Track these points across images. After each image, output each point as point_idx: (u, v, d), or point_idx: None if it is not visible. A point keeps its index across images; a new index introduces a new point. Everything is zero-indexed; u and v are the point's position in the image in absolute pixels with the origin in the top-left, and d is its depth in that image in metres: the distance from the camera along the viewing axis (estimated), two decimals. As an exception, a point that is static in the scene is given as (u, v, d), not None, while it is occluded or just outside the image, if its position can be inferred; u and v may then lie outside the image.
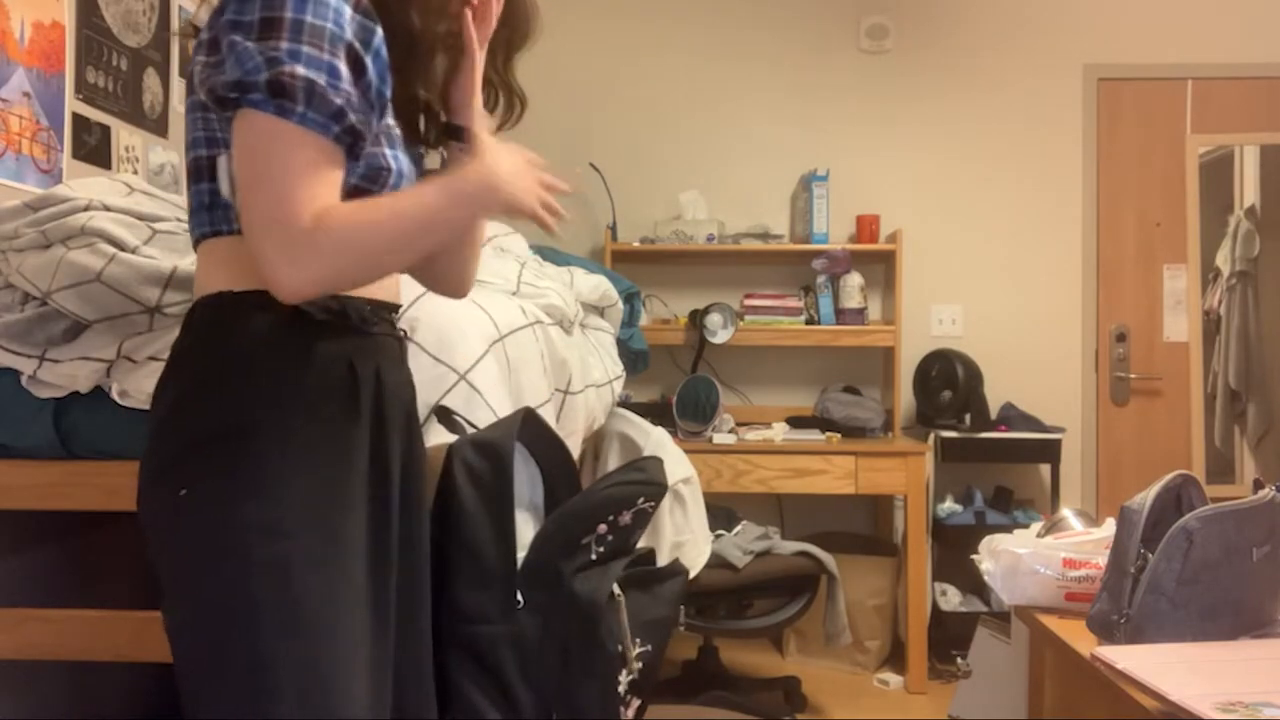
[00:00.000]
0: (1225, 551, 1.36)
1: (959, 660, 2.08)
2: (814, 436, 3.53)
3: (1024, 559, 1.59)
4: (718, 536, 2.99)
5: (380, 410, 1.15)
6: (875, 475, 3.35)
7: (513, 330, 1.79)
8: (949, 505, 3.58)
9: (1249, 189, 3.94)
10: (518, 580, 1.33)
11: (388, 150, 1.14)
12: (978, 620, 2.09)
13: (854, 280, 3.74)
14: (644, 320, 3.46)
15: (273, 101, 0.99)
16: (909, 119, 3.98)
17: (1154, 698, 1.17)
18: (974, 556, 1.72)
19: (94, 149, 2.27)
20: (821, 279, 3.74)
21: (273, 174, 0.99)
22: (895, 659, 3.53)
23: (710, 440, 3.45)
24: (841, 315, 3.76)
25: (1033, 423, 3.64)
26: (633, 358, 3.01)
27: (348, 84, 1.03)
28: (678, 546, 2.69)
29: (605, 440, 2.78)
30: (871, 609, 3.49)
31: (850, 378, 3.92)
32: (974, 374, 3.64)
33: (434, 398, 1.55)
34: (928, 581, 3.44)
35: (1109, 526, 1.57)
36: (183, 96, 1.42)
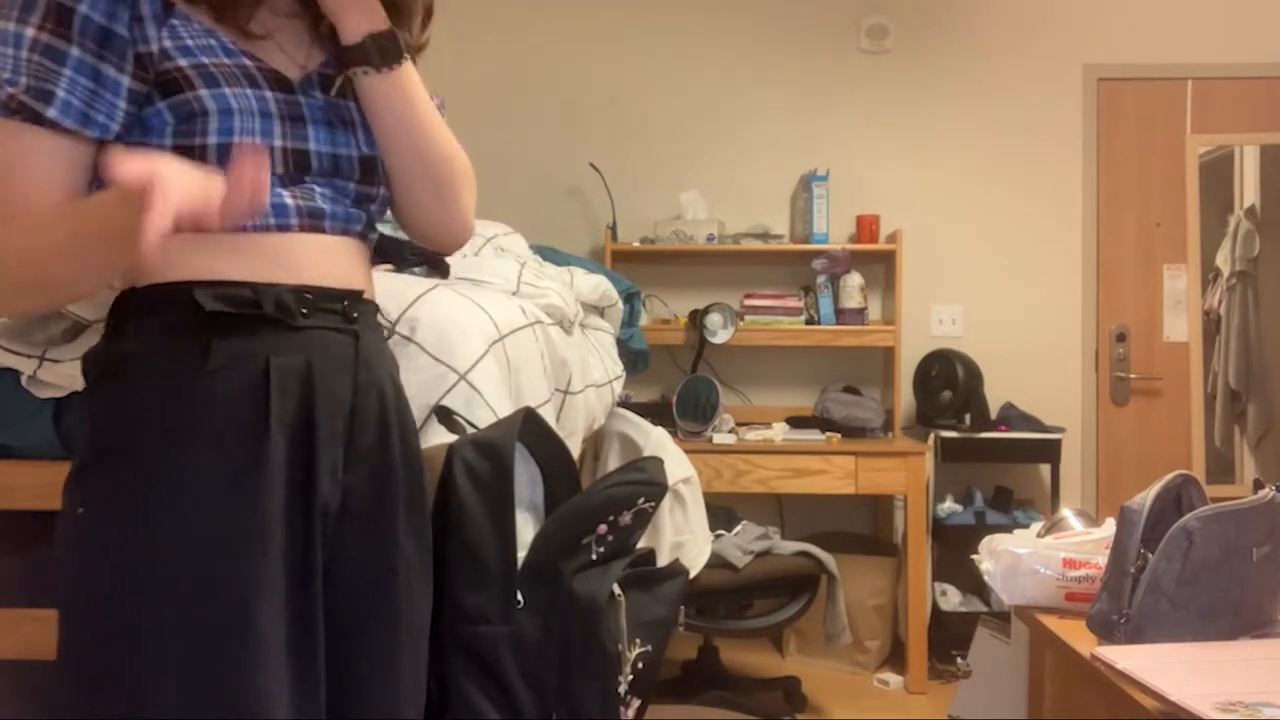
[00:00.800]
0: (1225, 551, 1.36)
1: (959, 660, 2.08)
2: (814, 436, 3.53)
3: (1024, 559, 1.59)
4: (718, 536, 3.00)
5: (309, 416, 1.01)
6: (875, 475, 3.35)
7: (513, 330, 1.79)
8: (949, 505, 3.58)
9: (1249, 189, 3.94)
10: (518, 580, 1.33)
11: (205, 90, 0.97)
12: (978, 620, 2.09)
13: (854, 280, 3.75)
14: (644, 320, 3.46)
15: None
16: (909, 119, 3.98)
17: (1154, 698, 1.17)
18: (974, 556, 1.72)
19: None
20: (821, 279, 3.74)
21: None
22: (895, 659, 3.53)
23: (710, 440, 3.45)
24: (841, 315, 3.76)
25: (1033, 423, 3.64)
26: (633, 358, 3.01)
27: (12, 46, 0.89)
28: (678, 546, 2.69)
29: (605, 440, 2.78)
30: (871, 609, 3.49)
31: (850, 378, 3.92)
32: (974, 374, 3.64)
33: (434, 398, 1.54)
34: (928, 581, 3.44)
35: (1109, 526, 1.57)
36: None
